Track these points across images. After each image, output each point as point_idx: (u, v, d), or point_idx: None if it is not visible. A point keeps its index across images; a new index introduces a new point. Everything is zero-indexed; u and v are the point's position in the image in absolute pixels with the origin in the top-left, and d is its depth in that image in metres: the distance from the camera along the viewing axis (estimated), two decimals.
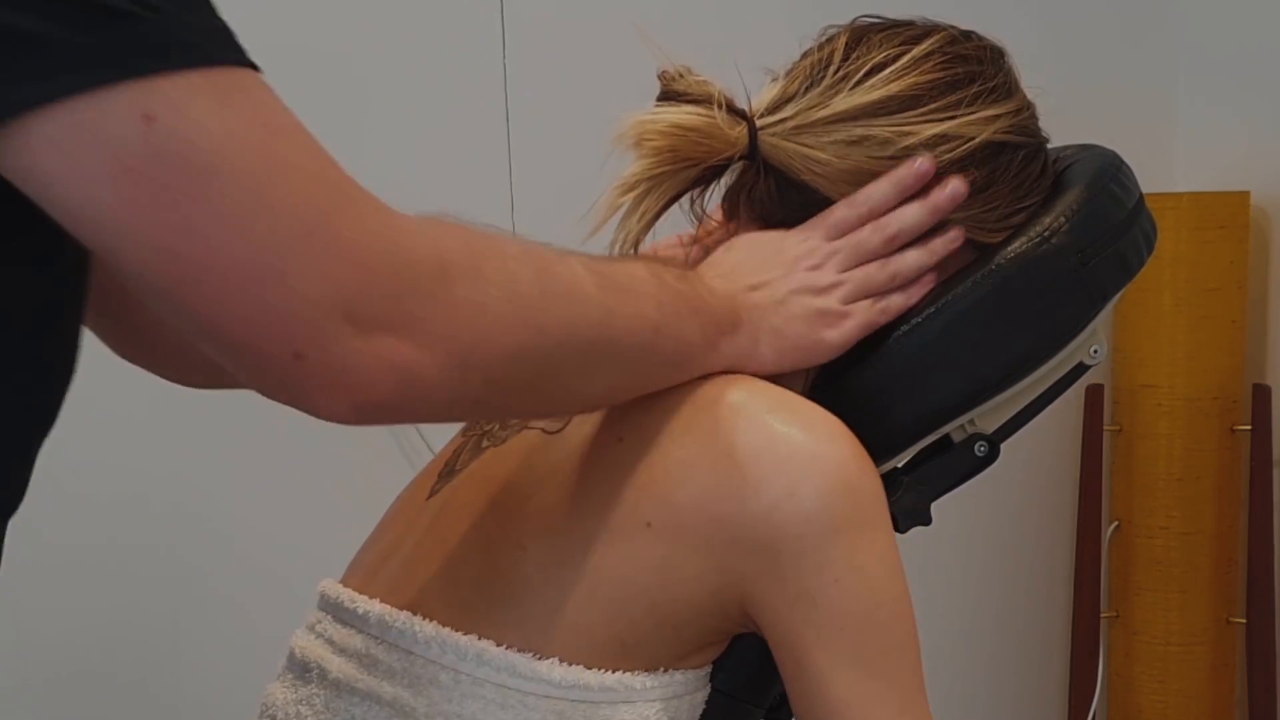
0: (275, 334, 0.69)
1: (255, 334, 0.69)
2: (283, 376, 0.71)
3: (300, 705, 0.99)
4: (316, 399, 0.72)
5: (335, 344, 0.70)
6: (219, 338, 0.70)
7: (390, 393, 0.73)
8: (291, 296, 0.68)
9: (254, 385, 0.74)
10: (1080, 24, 2.47)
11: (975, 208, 1.04)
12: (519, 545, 0.95)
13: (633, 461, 0.93)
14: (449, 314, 0.75)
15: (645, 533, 0.92)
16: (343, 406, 0.73)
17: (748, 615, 0.94)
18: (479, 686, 0.92)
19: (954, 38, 1.07)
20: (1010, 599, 2.53)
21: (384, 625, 0.96)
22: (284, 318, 0.69)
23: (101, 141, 0.64)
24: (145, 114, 0.64)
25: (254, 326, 0.69)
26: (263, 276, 0.68)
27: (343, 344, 0.70)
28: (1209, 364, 2.34)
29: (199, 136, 0.66)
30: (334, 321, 0.70)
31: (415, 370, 0.74)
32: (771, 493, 0.90)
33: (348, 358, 0.71)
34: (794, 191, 1.04)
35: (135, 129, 0.64)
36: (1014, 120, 1.05)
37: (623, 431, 0.95)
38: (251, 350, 0.70)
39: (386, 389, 0.73)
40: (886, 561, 0.92)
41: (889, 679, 0.92)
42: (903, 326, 1.04)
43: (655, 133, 0.99)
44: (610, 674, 0.92)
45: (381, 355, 0.72)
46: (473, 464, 1.04)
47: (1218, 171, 2.45)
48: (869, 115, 1.02)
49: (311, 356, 0.70)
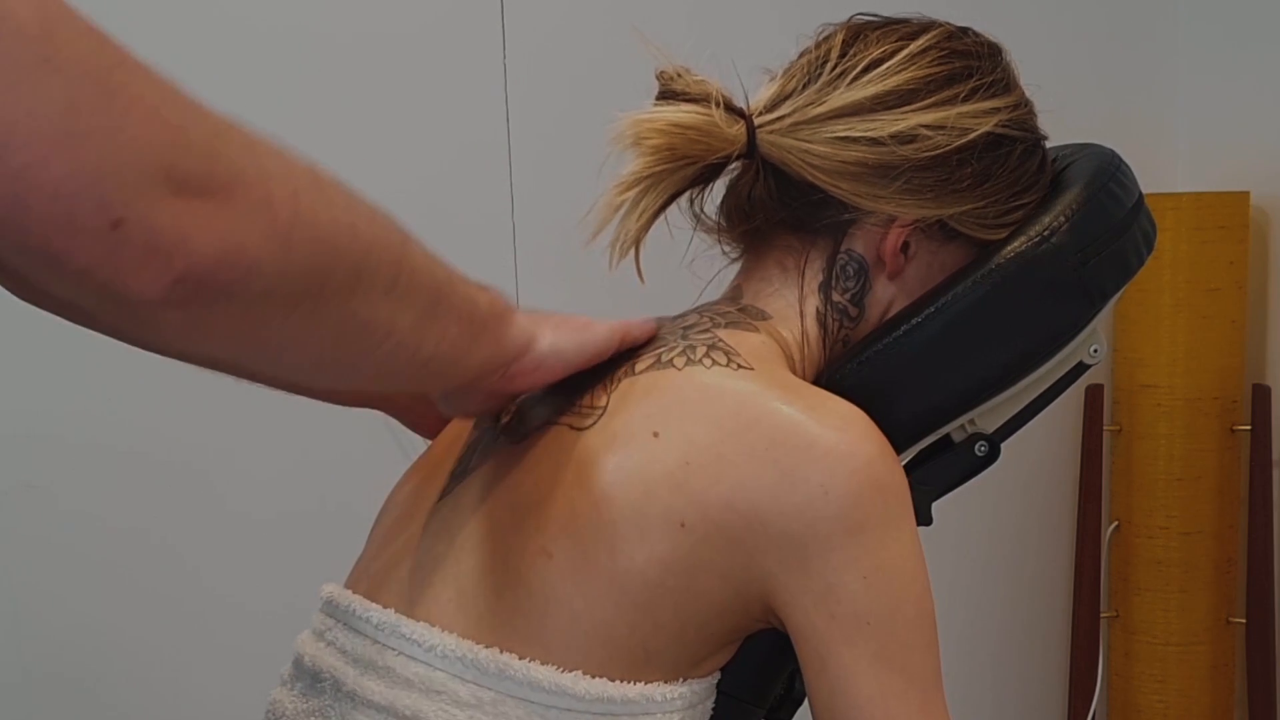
0: (89, 201, 0.63)
1: (65, 205, 0.62)
2: (96, 252, 0.64)
3: (313, 717, 0.97)
4: (133, 274, 0.65)
5: (155, 206, 0.65)
6: (20, 217, 0.62)
7: (211, 263, 0.68)
8: (104, 159, 0.63)
9: (54, 273, 0.65)
10: (1080, 24, 2.47)
11: (972, 201, 1.04)
12: (544, 552, 0.93)
13: (667, 458, 0.93)
14: (265, 183, 0.70)
15: (678, 533, 0.91)
16: (163, 280, 0.67)
17: (770, 610, 0.94)
18: (501, 703, 0.91)
19: (951, 33, 1.07)
20: (1010, 599, 2.53)
21: (400, 636, 0.95)
22: (98, 180, 0.63)
23: None
24: None
25: (63, 197, 0.62)
26: (68, 141, 0.62)
27: (163, 206, 0.65)
28: (1209, 364, 2.34)
29: None
30: (153, 183, 0.65)
31: (237, 239, 0.69)
32: (805, 489, 0.90)
33: (168, 220, 0.65)
34: (794, 189, 1.04)
35: None
36: (1011, 115, 1.06)
37: (657, 426, 0.94)
38: (60, 225, 0.63)
39: (208, 258, 0.67)
40: (912, 558, 0.93)
41: (911, 676, 0.92)
42: (902, 326, 1.04)
43: (653, 131, 0.99)
44: (632, 686, 0.92)
45: (201, 218, 0.67)
46: (486, 463, 1.02)
47: (1218, 171, 2.45)
48: (866, 110, 1.02)
49: (131, 220, 0.64)
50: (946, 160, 1.02)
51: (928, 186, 1.03)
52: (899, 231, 1.04)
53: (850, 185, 1.02)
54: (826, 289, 1.06)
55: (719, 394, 0.95)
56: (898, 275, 1.06)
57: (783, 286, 1.07)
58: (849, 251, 1.05)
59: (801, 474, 0.91)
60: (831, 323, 1.06)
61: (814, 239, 1.06)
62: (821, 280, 1.06)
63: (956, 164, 1.03)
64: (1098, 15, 2.49)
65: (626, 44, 1.05)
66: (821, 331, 1.06)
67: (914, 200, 1.03)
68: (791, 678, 1.05)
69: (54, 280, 0.66)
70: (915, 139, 1.02)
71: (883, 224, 1.04)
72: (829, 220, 1.05)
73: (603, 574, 0.92)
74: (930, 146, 1.02)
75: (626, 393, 0.98)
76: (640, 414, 0.95)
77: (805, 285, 1.06)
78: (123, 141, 0.64)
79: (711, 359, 0.98)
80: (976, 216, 1.05)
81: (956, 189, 1.03)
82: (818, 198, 1.04)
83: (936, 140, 1.02)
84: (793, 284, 1.06)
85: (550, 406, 1.01)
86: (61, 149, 0.62)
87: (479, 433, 1.06)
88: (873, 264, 1.06)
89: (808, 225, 1.05)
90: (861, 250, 1.05)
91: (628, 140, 0.99)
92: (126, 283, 0.65)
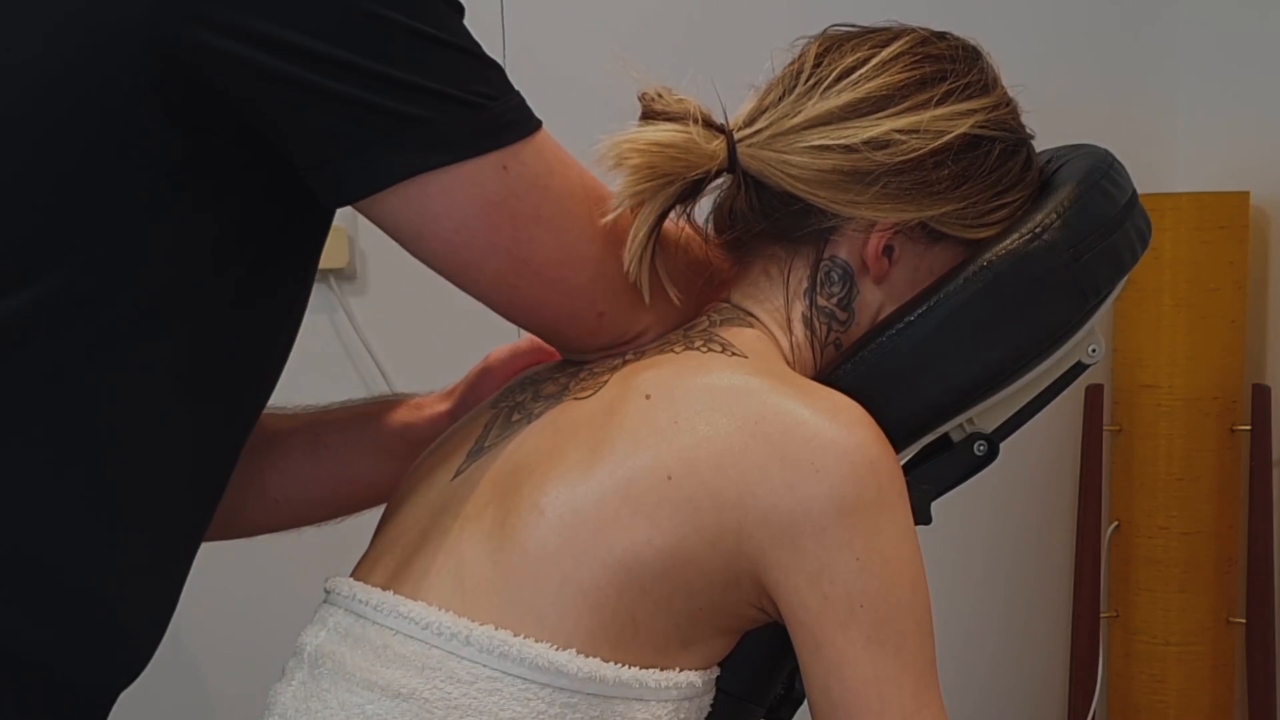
0: (589, 300, 1.02)
1: (577, 304, 1.02)
2: (589, 328, 1.04)
3: (311, 700, 0.98)
4: (606, 340, 1.05)
5: (625, 301, 1.04)
6: (549, 315, 1.03)
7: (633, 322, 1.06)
8: (598, 275, 1.02)
9: (566, 342, 1.07)
10: (1080, 24, 2.48)
11: (953, 202, 1.05)
12: (537, 509, 0.95)
13: (657, 416, 0.96)
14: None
15: (665, 486, 0.93)
16: (620, 341, 1.06)
17: (762, 590, 0.95)
18: (496, 680, 0.92)
19: (925, 38, 1.08)
20: (1010, 599, 2.53)
21: (397, 615, 0.96)
22: (593, 289, 1.02)
23: (475, 186, 0.94)
24: (504, 165, 0.95)
25: (577, 299, 1.02)
26: (579, 264, 1.01)
27: (628, 300, 1.04)
28: (1209, 364, 2.34)
29: (535, 177, 0.96)
30: (624, 286, 1.03)
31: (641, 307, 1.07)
32: (795, 467, 0.92)
33: (629, 310, 1.04)
34: (775, 200, 1.05)
35: (497, 176, 0.95)
36: (989, 115, 1.06)
37: (650, 389, 0.98)
38: (571, 317, 1.03)
39: (631, 320, 1.06)
40: (906, 543, 0.94)
41: (904, 660, 0.93)
42: (895, 325, 1.04)
43: (634, 150, 1.01)
44: (626, 669, 0.93)
45: (634, 302, 1.05)
46: (503, 440, 1.04)
47: (1218, 171, 2.45)
48: (839, 119, 1.04)
49: (610, 313, 1.04)
50: (922, 163, 1.03)
51: (905, 190, 1.04)
52: (880, 235, 1.05)
53: (828, 193, 1.03)
54: (812, 294, 1.07)
55: (712, 367, 0.99)
56: (883, 279, 1.07)
57: (770, 294, 1.08)
58: (833, 258, 1.07)
59: (791, 451, 0.92)
60: (819, 326, 1.07)
61: (797, 247, 1.07)
62: (807, 287, 1.07)
63: (933, 166, 1.04)
64: (1098, 15, 2.49)
65: (626, 45, 1.06)
66: (810, 335, 1.07)
67: (891, 204, 1.04)
68: (791, 677, 1.05)
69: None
70: (889, 144, 1.03)
71: (864, 229, 1.05)
72: (811, 228, 1.06)
73: (590, 531, 0.94)
74: (904, 150, 1.03)
75: (628, 371, 1.02)
76: (636, 383, 0.99)
77: (791, 291, 1.08)
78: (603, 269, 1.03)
79: (708, 347, 1.02)
80: (958, 217, 1.06)
81: (934, 191, 1.04)
82: (799, 207, 1.05)
83: (911, 144, 1.03)
84: (778, 291, 1.08)
85: (558, 385, 1.05)
86: (574, 272, 1.02)
87: (495, 411, 1.09)
88: (857, 269, 1.07)
89: (790, 234, 1.07)
90: (845, 256, 1.07)
91: (610, 161, 1.01)
92: (599, 345, 1.06)
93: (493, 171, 0.94)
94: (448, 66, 0.93)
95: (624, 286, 1.03)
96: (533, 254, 0.98)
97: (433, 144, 0.93)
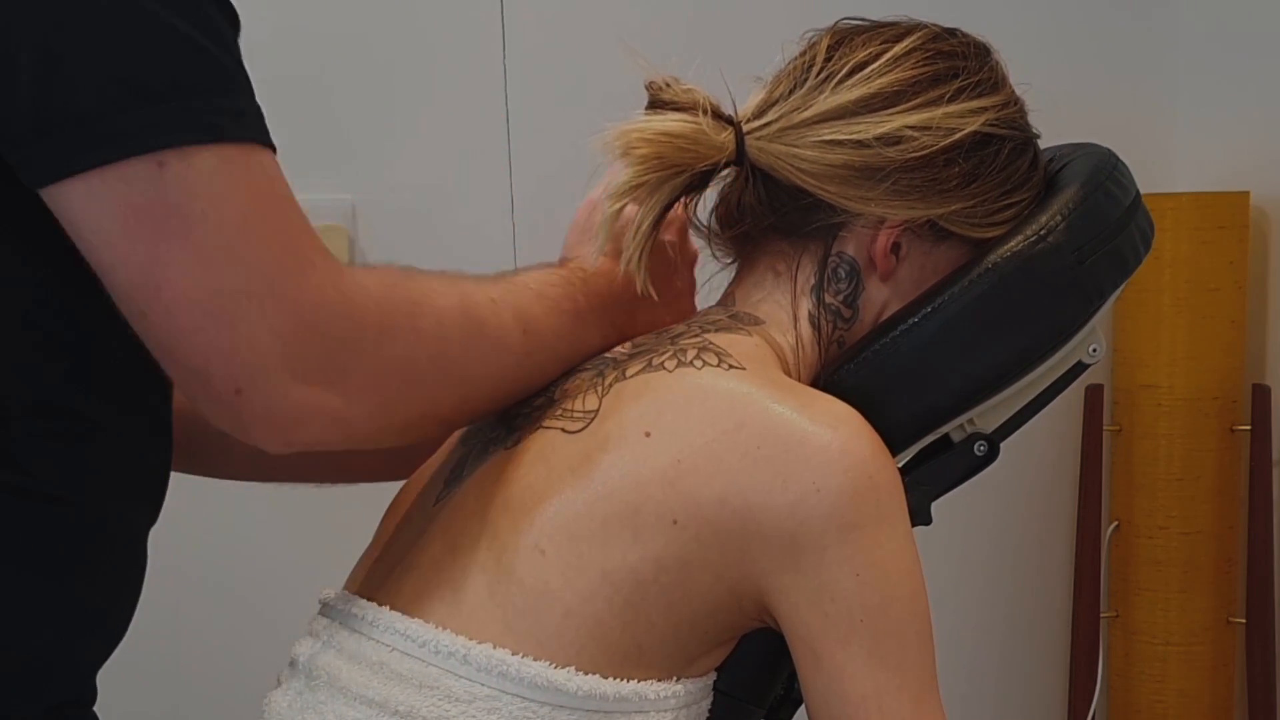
0: (223, 370, 0.80)
1: (207, 366, 0.80)
2: (225, 407, 0.82)
3: (307, 712, 0.97)
4: (252, 431, 0.84)
5: (273, 388, 0.82)
6: (178, 363, 0.82)
7: (318, 434, 0.85)
8: (241, 341, 0.80)
9: (203, 410, 0.84)
10: (1080, 23, 2.47)
11: (961, 201, 1.05)
12: (538, 549, 0.94)
13: (659, 456, 0.94)
14: (379, 371, 0.87)
15: (671, 530, 0.92)
16: (276, 442, 0.84)
17: (764, 608, 0.94)
18: (495, 699, 0.91)
19: (936, 34, 1.07)
20: (1010, 599, 2.53)
21: (396, 633, 0.95)
22: (232, 358, 0.80)
23: (121, 186, 0.78)
24: (159, 161, 0.78)
25: (207, 360, 0.80)
26: (221, 318, 0.79)
27: (279, 389, 0.82)
28: (1209, 364, 2.34)
29: (196, 187, 0.79)
30: (275, 369, 0.81)
31: (343, 417, 0.85)
32: (798, 487, 0.91)
33: (282, 401, 0.82)
34: (783, 194, 1.05)
35: (149, 173, 0.78)
36: (999, 114, 1.06)
37: (649, 426, 0.95)
38: (202, 380, 0.81)
39: (315, 431, 0.85)
40: (906, 556, 0.94)
41: (905, 673, 0.92)
42: (899, 326, 1.04)
43: (642, 140, 1.00)
44: (625, 684, 0.93)
45: (313, 403, 0.83)
46: (481, 467, 1.03)
47: (1218, 171, 2.45)
48: (851, 114, 1.03)
49: (249, 395, 0.81)
50: (933, 160, 1.03)
51: (915, 187, 1.03)
52: (889, 233, 1.04)
53: (838, 188, 1.02)
54: (819, 291, 1.06)
55: (711, 393, 0.96)
56: (890, 276, 1.06)
57: (775, 290, 1.07)
58: (840, 254, 1.06)
59: (794, 472, 0.91)
60: (825, 324, 1.06)
61: (805, 243, 1.06)
62: (814, 283, 1.06)
63: (943, 164, 1.03)
64: (1098, 15, 2.49)
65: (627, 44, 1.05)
66: (815, 333, 1.06)
67: (902, 201, 1.03)
68: (790, 678, 1.05)
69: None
70: (901, 140, 1.02)
71: (872, 226, 1.05)
72: (819, 224, 1.05)
73: (596, 571, 0.92)
74: (916, 147, 1.02)
75: (618, 395, 0.98)
76: (632, 415, 0.96)
77: (798, 288, 1.07)
78: (260, 331, 0.81)
79: (703, 360, 0.99)
80: (966, 215, 1.05)
81: (944, 189, 1.04)
82: (807, 202, 1.04)
83: (922, 141, 1.02)
84: (785, 287, 1.07)
85: (545, 397, 1.02)
86: (214, 323, 0.80)
87: (471, 442, 1.07)
88: (864, 266, 1.06)
89: (798, 229, 1.06)
90: (852, 252, 1.06)
91: (617, 150, 1.00)
92: (249, 435, 0.84)
93: (143, 167, 0.78)
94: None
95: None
96: (168, 282, 0.79)
97: (87, 142, 0.78)
